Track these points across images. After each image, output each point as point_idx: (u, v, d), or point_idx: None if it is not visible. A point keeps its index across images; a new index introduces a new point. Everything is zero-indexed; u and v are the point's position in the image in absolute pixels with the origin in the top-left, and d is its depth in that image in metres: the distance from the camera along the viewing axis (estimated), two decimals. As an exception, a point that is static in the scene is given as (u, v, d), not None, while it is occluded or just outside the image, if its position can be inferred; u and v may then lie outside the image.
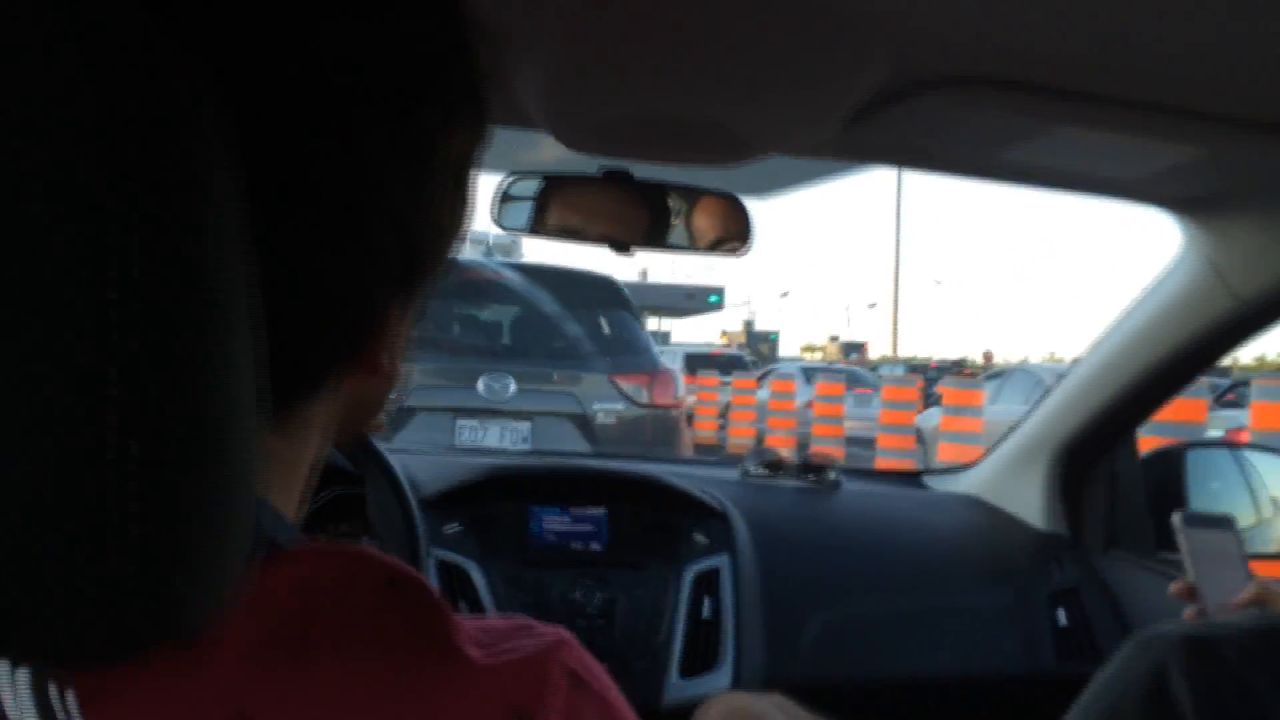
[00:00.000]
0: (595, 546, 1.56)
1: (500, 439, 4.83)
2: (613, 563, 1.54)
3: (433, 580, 1.40)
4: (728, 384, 13.75)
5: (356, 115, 0.44)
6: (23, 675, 0.39)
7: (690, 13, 0.88)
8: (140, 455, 0.33)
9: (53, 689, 0.39)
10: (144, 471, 0.34)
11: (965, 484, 2.03)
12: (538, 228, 1.31)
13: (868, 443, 10.83)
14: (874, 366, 23.94)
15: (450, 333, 5.28)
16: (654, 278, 27.74)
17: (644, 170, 1.28)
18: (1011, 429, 1.96)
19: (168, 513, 0.34)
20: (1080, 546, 1.79)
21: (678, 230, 1.27)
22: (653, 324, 27.70)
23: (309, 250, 0.44)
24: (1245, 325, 1.41)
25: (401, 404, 4.75)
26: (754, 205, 1.35)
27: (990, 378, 12.58)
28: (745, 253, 1.27)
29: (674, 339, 27.15)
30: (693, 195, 1.27)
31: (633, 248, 1.28)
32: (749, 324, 34.96)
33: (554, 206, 1.31)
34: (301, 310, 0.44)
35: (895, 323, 32.74)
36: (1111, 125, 1.09)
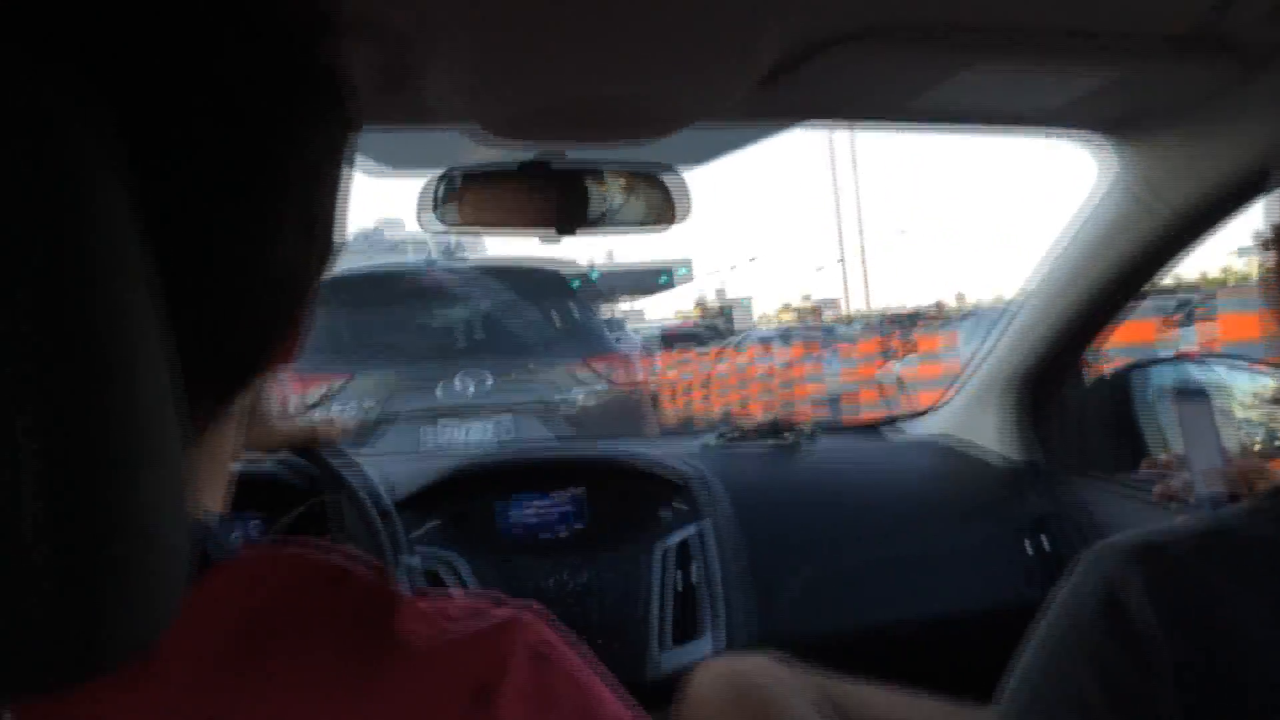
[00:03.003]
0: (569, 531, 1.57)
1: (478, 436, 4.84)
2: (589, 544, 1.55)
3: (406, 581, 1.42)
4: (705, 355, 13.78)
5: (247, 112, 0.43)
6: None
7: None
8: (45, 482, 0.32)
9: None
10: (50, 500, 0.32)
11: (932, 426, 2.05)
12: (469, 223, 1.33)
13: (851, 398, 10.89)
14: (849, 321, 24.01)
15: (419, 336, 5.28)
16: (620, 258, 27.73)
17: (577, 151, 1.29)
18: (972, 367, 1.98)
19: (80, 542, 0.33)
20: (1049, 474, 1.82)
21: (610, 211, 1.28)
22: (625, 305, 27.72)
23: (240, 245, 0.44)
24: (1179, 238, 1.43)
25: (382, 411, 4.75)
26: (693, 174, 1.36)
27: (964, 318, 12.65)
28: (681, 220, 1.28)
29: (648, 315, 27.21)
30: (622, 173, 1.29)
31: (567, 232, 1.30)
32: (720, 293, 34.97)
33: (480, 201, 1.32)
34: (238, 303, 0.45)
35: (865, 275, 32.76)
36: (1023, 56, 1.10)
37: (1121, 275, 1.52)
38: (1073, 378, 1.82)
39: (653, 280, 24.95)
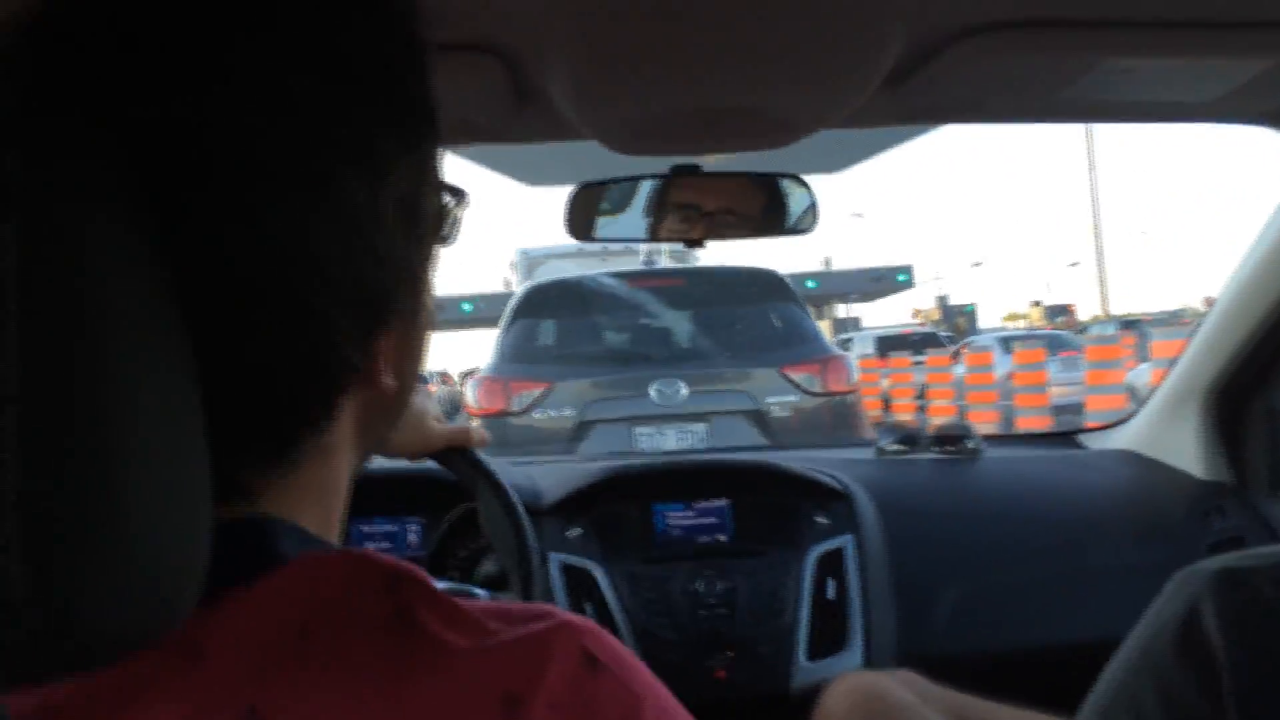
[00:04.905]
0: (719, 538, 1.57)
1: (678, 442, 4.87)
2: (735, 552, 1.55)
3: (556, 584, 1.45)
4: (922, 363, 13.37)
5: (266, 187, 0.45)
6: None
7: (705, 5, 0.90)
8: (29, 483, 0.34)
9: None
10: (33, 501, 0.34)
11: (1121, 439, 1.93)
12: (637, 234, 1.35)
13: (1077, 408, 10.32)
14: (1082, 328, 22.73)
15: (621, 343, 5.37)
16: (839, 264, 27.32)
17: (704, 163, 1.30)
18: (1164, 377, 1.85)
19: (62, 541, 0.35)
20: (1245, 492, 1.68)
21: (741, 219, 1.28)
22: (842, 310, 27.29)
23: (259, 309, 0.46)
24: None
25: (581, 419, 4.87)
26: (829, 181, 1.35)
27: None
28: (809, 230, 1.27)
29: (865, 323, 26.69)
30: (755, 181, 1.28)
31: (704, 242, 1.31)
32: (942, 299, 33.76)
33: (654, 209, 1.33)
34: (276, 360, 0.47)
35: (1102, 280, 30.85)
36: (1170, 50, 1.03)
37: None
38: (1272, 388, 1.67)
39: (880, 283, 24.50)
